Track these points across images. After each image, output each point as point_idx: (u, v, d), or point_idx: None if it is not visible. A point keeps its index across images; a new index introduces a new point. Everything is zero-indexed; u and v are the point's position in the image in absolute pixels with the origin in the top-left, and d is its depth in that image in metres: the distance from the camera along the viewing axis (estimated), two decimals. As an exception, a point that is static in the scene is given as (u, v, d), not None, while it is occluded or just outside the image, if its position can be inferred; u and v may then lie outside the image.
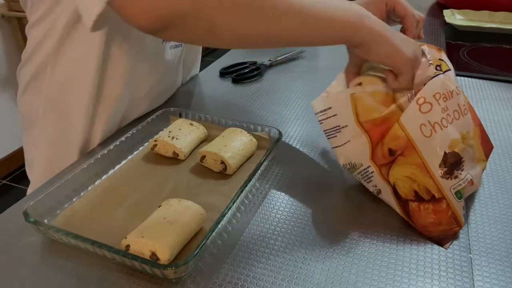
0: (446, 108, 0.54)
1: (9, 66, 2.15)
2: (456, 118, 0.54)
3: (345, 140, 0.57)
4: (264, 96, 0.90)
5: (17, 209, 0.57)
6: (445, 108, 0.54)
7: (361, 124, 0.55)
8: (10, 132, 2.15)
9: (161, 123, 0.75)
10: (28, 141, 0.78)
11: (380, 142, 0.55)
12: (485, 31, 1.31)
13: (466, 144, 0.55)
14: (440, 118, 0.53)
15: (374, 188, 0.58)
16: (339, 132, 0.57)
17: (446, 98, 0.54)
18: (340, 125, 0.57)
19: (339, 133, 0.57)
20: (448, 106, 0.54)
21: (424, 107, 0.53)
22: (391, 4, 0.67)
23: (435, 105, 0.53)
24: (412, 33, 0.66)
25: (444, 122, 0.53)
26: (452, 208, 0.53)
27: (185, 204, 0.54)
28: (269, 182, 0.64)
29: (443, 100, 0.54)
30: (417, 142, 0.53)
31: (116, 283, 0.47)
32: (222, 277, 0.48)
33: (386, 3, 0.67)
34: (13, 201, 0.58)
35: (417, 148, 0.53)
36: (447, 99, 0.54)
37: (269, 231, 0.54)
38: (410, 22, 0.66)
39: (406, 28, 0.66)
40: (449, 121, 0.54)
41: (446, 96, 0.54)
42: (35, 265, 0.50)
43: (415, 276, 0.48)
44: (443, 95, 0.54)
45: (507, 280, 0.48)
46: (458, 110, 0.55)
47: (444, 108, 0.54)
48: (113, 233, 0.52)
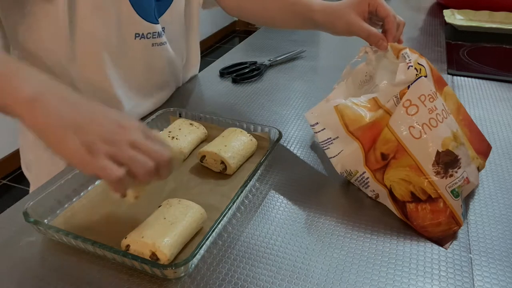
0: (435, 108, 0.55)
1: (9, 66, 2.14)
2: (445, 117, 0.55)
3: (339, 150, 0.60)
4: (264, 96, 0.90)
5: (17, 209, 0.57)
6: (433, 108, 0.55)
7: (352, 133, 0.57)
8: (10, 132, 2.15)
9: (161, 123, 0.75)
10: (25, 144, 0.78)
11: (372, 147, 0.56)
12: (485, 31, 1.31)
13: (458, 142, 0.55)
14: (428, 119, 0.54)
15: (372, 192, 0.59)
16: (332, 144, 0.60)
17: (433, 99, 0.55)
18: (331, 137, 0.60)
19: (331, 144, 0.60)
20: (436, 106, 0.55)
21: (411, 110, 0.54)
22: (374, 5, 0.68)
23: (421, 107, 0.54)
24: (393, 34, 0.67)
25: (433, 122, 0.54)
26: (450, 207, 0.53)
27: (185, 204, 0.54)
28: (269, 182, 0.64)
29: (430, 101, 0.55)
30: (408, 144, 0.54)
31: (116, 283, 0.47)
32: (222, 277, 0.48)
33: (369, 4, 0.69)
34: (13, 201, 0.58)
35: (408, 150, 0.54)
36: (434, 99, 0.55)
37: (269, 231, 0.54)
38: (391, 23, 0.67)
39: (387, 29, 0.68)
40: (439, 120, 0.54)
41: (432, 96, 0.55)
42: (35, 265, 0.50)
43: (415, 276, 0.48)
44: (429, 95, 0.55)
45: (507, 280, 0.48)
46: (444, 109, 0.56)
47: (432, 108, 0.55)
48: (113, 233, 0.52)
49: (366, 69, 0.68)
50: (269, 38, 1.27)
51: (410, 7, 1.66)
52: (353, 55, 0.69)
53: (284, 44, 1.21)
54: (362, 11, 0.69)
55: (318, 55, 1.15)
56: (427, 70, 0.60)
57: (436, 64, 1.07)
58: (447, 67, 1.05)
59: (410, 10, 1.62)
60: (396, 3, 1.71)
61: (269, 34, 1.30)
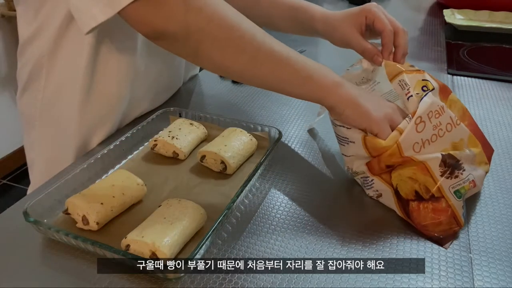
0: (439, 124, 0.56)
1: (9, 66, 2.15)
2: (448, 131, 0.56)
3: (350, 154, 0.60)
4: (264, 96, 0.90)
5: (17, 209, 0.57)
6: (437, 124, 0.55)
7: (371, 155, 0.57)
8: (10, 132, 2.15)
9: (161, 123, 0.75)
10: (28, 142, 0.78)
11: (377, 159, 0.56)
12: (485, 31, 1.31)
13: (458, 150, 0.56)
14: (430, 135, 0.55)
15: (375, 192, 0.59)
16: (347, 144, 0.60)
17: (439, 114, 0.56)
18: (349, 139, 0.59)
19: (347, 144, 0.60)
20: (441, 121, 0.56)
21: (420, 127, 0.55)
22: (371, 18, 0.67)
23: (427, 123, 0.55)
24: (389, 49, 0.66)
25: (434, 138, 0.55)
26: (452, 207, 0.53)
27: (185, 204, 0.54)
28: (269, 182, 0.64)
29: (435, 117, 0.56)
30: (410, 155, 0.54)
31: (116, 283, 0.47)
32: (222, 276, 0.48)
33: (366, 16, 0.67)
34: (13, 201, 0.58)
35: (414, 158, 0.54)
36: (440, 115, 0.56)
37: (269, 231, 0.54)
38: (387, 38, 0.66)
39: (383, 44, 0.66)
40: (440, 135, 0.56)
41: (438, 112, 0.56)
42: (35, 265, 0.50)
43: (415, 276, 0.48)
44: (436, 111, 0.56)
45: (507, 280, 0.48)
46: (450, 122, 0.57)
47: (436, 124, 0.55)
48: (113, 233, 0.52)
49: (363, 75, 0.68)
50: (269, 38, 1.27)
51: (410, 7, 1.66)
52: (353, 55, 0.69)
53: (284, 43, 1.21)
54: (359, 23, 0.68)
55: (318, 56, 1.15)
56: (433, 83, 0.59)
57: (436, 64, 1.08)
58: (447, 67, 1.05)
59: (410, 10, 1.62)
60: (396, 3, 1.71)
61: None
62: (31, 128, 0.75)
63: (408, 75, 0.59)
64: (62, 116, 0.71)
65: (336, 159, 0.69)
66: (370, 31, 0.69)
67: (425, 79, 0.59)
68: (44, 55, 0.67)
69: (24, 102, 0.74)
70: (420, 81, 0.59)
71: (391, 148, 0.54)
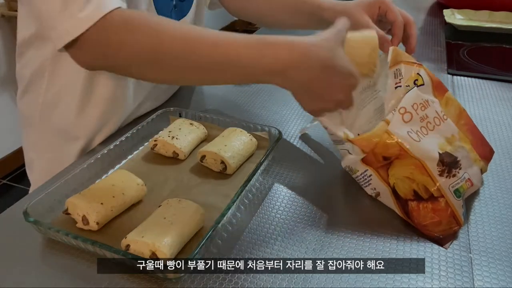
0: (426, 116, 0.57)
1: (9, 66, 2.15)
2: (437, 124, 0.57)
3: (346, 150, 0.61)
4: (264, 96, 0.90)
5: (17, 209, 0.57)
6: (424, 116, 0.57)
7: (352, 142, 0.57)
8: (10, 132, 2.14)
9: (161, 123, 0.75)
10: (27, 142, 0.78)
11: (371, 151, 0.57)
12: (485, 31, 1.31)
13: (454, 146, 0.56)
14: (419, 127, 0.56)
15: (373, 191, 0.59)
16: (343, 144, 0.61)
17: (424, 107, 0.57)
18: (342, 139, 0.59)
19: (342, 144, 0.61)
20: (427, 114, 0.57)
21: (406, 117, 0.56)
22: (384, 9, 0.70)
23: (414, 115, 0.56)
24: (398, 39, 0.69)
25: (424, 130, 0.56)
26: (451, 207, 0.53)
27: (185, 204, 0.54)
28: (269, 182, 0.64)
29: (421, 110, 0.57)
30: (408, 146, 0.54)
31: (116, 283, 0.47)
32: (222, 276, 0.48)
33: (379, 7, 0.70)
34: (13, 201, 0.58)
35: (410, 152, 0.54)
36: (425, 108, 0.57)
37: (269, 231, 0.54)
38: (398, 28, 0.69)
39: (393, 34, 0.69)
40: (430, 128, 0.56)
41: (423, 104, 0.57)
42: (35, 265, 0.50)
43: (415, 276, 0.48)
44: (421, 104, 0.57)
45: (507, 280, 0.48)
46: (437, 116, 0.57)
47: (423, 116, 0.57)
48: (113, 233, 0.52)
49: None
50: (269, 38, 1.27)
51: (410, 7, 1.66)
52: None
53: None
54: (372, 13, 0.69)
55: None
56: (424, 79, 0.61)
57: (436, 64, 1.08)
58: (447, 67, 1.05)
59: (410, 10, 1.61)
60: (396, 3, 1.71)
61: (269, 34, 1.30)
62: (31, 129, 0.75)
63: (406, 66, 0.61)
64: (62, 117, 0.71)
65: (336, 159, 0.69)
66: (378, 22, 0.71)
67: (419, 74, 0.61)
68: (48, 59, 0.67)
69: (25, 103, 0.74)
70: (415, 75, 0.60)
71: (381, 138, 0.55)
